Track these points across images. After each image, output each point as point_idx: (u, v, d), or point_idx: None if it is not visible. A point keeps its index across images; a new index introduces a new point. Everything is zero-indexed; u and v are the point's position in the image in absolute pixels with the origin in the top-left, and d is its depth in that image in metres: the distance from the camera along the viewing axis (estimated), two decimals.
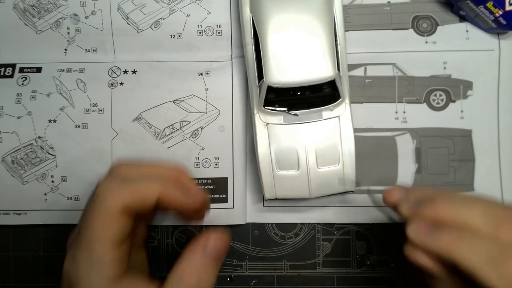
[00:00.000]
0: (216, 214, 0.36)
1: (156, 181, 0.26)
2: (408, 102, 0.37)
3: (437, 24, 0.37)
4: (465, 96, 0.37)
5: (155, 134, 0.36)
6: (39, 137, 0.37)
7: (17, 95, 0.37)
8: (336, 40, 0.32)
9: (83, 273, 0.24)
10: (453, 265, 0.23)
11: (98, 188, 0.26)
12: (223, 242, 0.26)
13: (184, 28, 0.37)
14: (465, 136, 0.36)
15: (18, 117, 0.37)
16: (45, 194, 0.37)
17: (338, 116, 0.33)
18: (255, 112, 0.33)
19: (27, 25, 0.38)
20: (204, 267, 0.25)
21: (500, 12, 0.33)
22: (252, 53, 0.33)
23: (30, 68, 0.37)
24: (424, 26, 0.37)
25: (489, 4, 0.33)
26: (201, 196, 0.27)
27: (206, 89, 0.37)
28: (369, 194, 0.32)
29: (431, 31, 0.37)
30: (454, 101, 0.37)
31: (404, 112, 0.37)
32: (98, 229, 0.24)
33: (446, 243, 0.23)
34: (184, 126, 0.37)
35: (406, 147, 0.37)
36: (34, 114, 0.37)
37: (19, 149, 0.37)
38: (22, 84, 0.37)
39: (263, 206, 0.37)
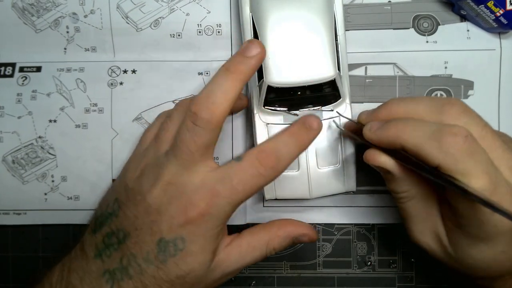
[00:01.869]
0: None
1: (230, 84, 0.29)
2: None
3: (438, 24, 0.38)
4: (466, 96, 0.37)
5: None
6: (39, 137, 0.38)
7: (18, 95, 0.38)
8: (336, 40, 0.33)
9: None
10: (407, 160, 0.26)
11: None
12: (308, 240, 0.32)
13: (183, 27, 0.38)
14: None
15: (19, 117, 0.38)
16: (45, 194, 0.38)
17: (338, 116, 0.34)
18: (255, 112, 0.34)
19: (26, 24, 0.39)
20: (286, 245, 0.31)
21: (501, 12, 0.34)
22: None
23: (30, 67, 0.38)
24: (425, 26, 0.38)
25: (490, 4, 0.34)
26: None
27: None
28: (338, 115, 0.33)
29: (431, 31, 0.38)
30: None
31: None
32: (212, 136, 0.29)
33: (394, 131, 0.26)
34: None
35: None
36: (34, 114, 0.38)
37: (20, 149, 0.38)
38: (23, 83, 0.38)
39: (263, 206, 0.38)
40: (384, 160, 0.28)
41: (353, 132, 0.32)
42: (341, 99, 0.34)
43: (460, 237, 0.27)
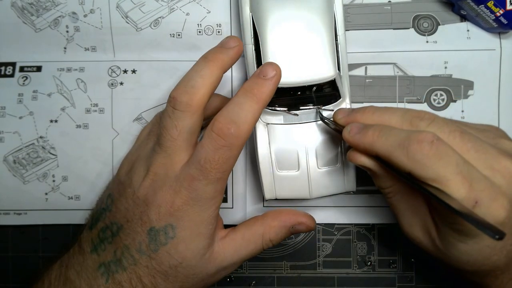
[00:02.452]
0: None
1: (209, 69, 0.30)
2: (409, 102, 0.38)
3: (438, 24, 0.38)
4: (466, 96, 0.38)
5: None
6: (40, 137, 0.39)
7: (19, 95, 0.39)
8: (336, 40, 0.34)
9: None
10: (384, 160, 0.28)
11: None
12: (305, 229, 0.32)
13: (183, 27, 0.38)
14: None
15: (20, 117, 0.39)
16: (46, 193, 0.39)
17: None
18: None
19: (25, 23, 0.39)
20: (283, 235, 0.32)
21: (501, 12, 0.35)
22: (252, 53, 0.34)
23: (30, 67, 0.39)
24: (425, 26, 0.38)
25: (490, 4, 0.35)
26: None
27: None
28: (321, 115, 0.34)
29: (431, 31, 0.38)
30: (455, 101, 0.38)
31: None
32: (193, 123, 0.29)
33: (370, 139, 0.28)
34: None
35: None
36: (35, 114, 0.39)
37: (21, 149, 0.39)
38: (23, 83, 0.39)
39: (263, 206, 0.39)
40: (363, 160, 0.29)
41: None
42: (341, 99, 0.34)
43: (447, 231, 0.27)
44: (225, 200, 0.38)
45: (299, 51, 0.32)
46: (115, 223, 0.30)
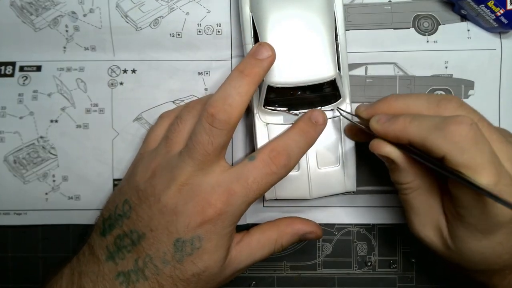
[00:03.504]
0: None
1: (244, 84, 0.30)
2: None
3: (438, 24, 0.39)
4: (467, 96, 0.39)
5: None
6: (41, 137, 0.39)
7: (19, 95, 0.39)
8: (336, 40, 0.34)
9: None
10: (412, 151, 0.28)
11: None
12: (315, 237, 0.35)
13: (183, 26, 0.39)
14: None
15: (21, 117, 0.39)
16: (46, 193, 0.39)
17: (338, 116, 0.35)
18: (255, 112, 0.35)
19: (25, 22, 0.39)
20: (293, 241, 0.34)
21: (501, 11, 0.35)
22: None
23: (30, 66, 0.40)
24: (425, 26, 0.39)
25: (490, 3, 0.35)
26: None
27: (206, 89, 0.39)
28: (340, 111, 0.35)
29: (432, 31, 0.39)
30: None
31: None
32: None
33: (401, 126, 0.28)
34: None
35: None
36: (36, 114, 0.39)
37: (21, 148, 0.39)
38: (23, 83, 0.39)
39: (263, 206, 0.39)
40: (389, 150, 0.29)
41: (358, 122, 0.33)
42: (341, 99, 0.35)
43: (460, 229, 0.28)
44: None
45: (299, 51, 0.33)
46: (136, 231, 0.30)
